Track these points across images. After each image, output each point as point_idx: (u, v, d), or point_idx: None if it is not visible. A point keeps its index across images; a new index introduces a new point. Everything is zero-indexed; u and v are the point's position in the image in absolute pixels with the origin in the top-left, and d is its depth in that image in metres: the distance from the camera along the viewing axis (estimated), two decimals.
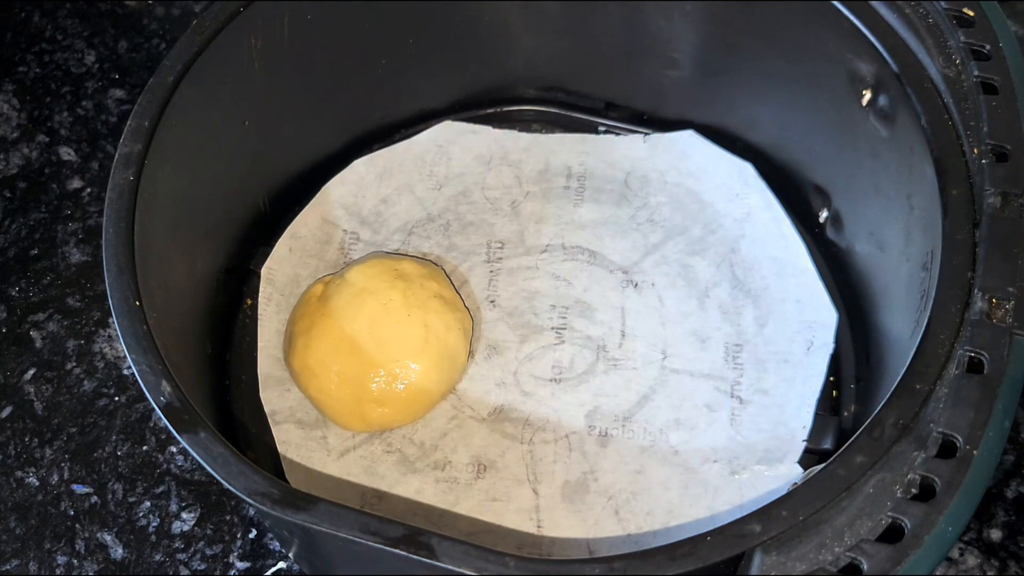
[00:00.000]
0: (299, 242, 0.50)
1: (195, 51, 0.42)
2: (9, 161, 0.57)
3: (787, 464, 0.43)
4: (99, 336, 0.51)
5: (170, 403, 0.35)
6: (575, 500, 0.44)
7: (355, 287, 0.46)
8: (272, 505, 0.33)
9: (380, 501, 0.44)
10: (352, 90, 0.52)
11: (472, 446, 0.45)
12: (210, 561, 0.45)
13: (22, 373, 0.50)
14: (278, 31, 0.46)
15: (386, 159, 0.53)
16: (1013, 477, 0.46)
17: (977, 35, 0.41)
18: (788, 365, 0.46)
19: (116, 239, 0.38)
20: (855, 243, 0.47)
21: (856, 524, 0.33)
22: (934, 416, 0.34)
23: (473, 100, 0.56)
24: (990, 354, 0.35)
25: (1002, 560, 0.44)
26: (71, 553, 0.45)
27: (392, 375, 0.44)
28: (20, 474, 0.47)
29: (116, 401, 0.49)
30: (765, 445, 0.44)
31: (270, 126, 0.49)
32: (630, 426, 0.45)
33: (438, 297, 0.47)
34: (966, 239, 0.37)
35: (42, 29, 0.62)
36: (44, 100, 0.59)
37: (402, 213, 0.52)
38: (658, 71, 0.52)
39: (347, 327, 0.45)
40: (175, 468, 0.47)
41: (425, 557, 0.31)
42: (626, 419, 0.45)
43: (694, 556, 0.31)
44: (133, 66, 0.60)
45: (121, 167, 0.40)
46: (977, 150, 0.39)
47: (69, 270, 0.53)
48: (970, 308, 0.36)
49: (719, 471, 0.44)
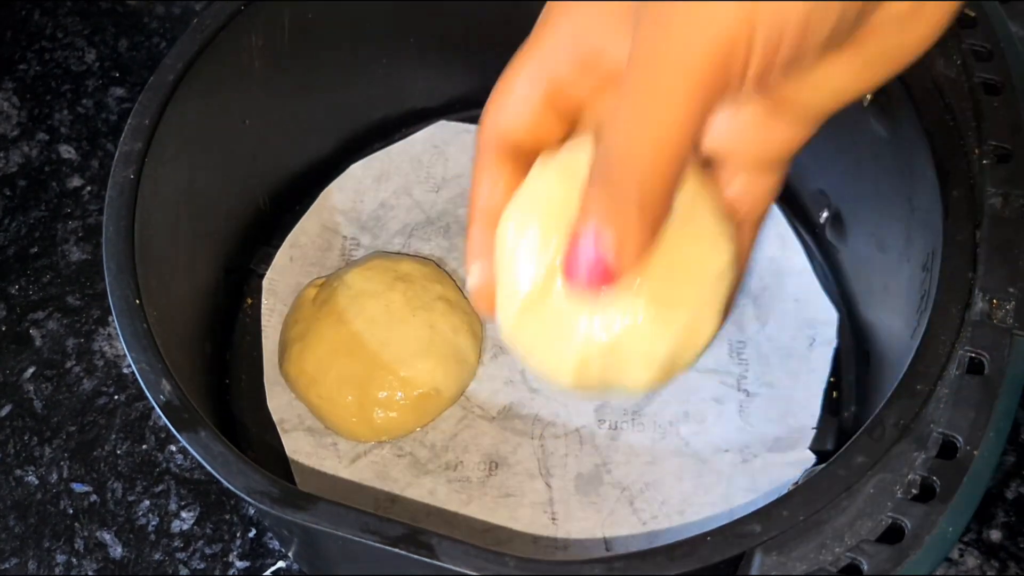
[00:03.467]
0: (300, 251, 0.50)
1: (196, 50, 0.42)
2: (9, 159, 0.57)
3: (799, 451, 0.44)
4: (99, 335, 0.51)
5: (170, 402, 0.35)
6: (589, 492, 0.44)
7: (353, 289, 0.46)
8: (272, 504, 0.33)
9: (393, 504, 0.44)
10: (352, 89, 0.52)
11: (483, 445, 0.45)
12: (209, 560, 0.45)
13: (21, 371, 0.50)
14: (279, 30, 0.46)
15: (382, 162, 0.53)
16: (1013, 478, 0.46)
17: (978, 35, 0.41)
18: (792, 359, 0.46)
19: (116, 237, 0.38)
20: (855, 244, 0.47)
21: (856, 524, 0.33)
22: (934, 417, 0.34)
23: (474, 100, 0.56)
24: (991, 355, 0.35)
25: (1002, 561, 0.44)
26: (70, 552, 0.45)
27: (399, 379, 0.44)
28: (19, 472, 0.47)
29: (116, 400, 0.49)
30: (775, 434, 0.44)
31: (270, 125, 0.49)
32: (639, 419, 0.45)
33: (442, 299, 0.46)
34: (967, 240, 0.37)
35: (42, 27, 0.62)
36: (44, 98, 0.59)
37: (402, 216, 0.52)
38: None
39: (345, 329, 0.45)
40: (175, 467, 0.47)
41: (425, 557, 0.31)
42: (635, 413, 0.46)
43: (694, 556, 0.31)
44: (133, 64, 0.60)
45: (121, 165, 0.40)
46: (978, 151, 0.39)
47: (69, 268, 0.53)
48: (971, 309, 0.36)
49: (731, 460, 0.44)
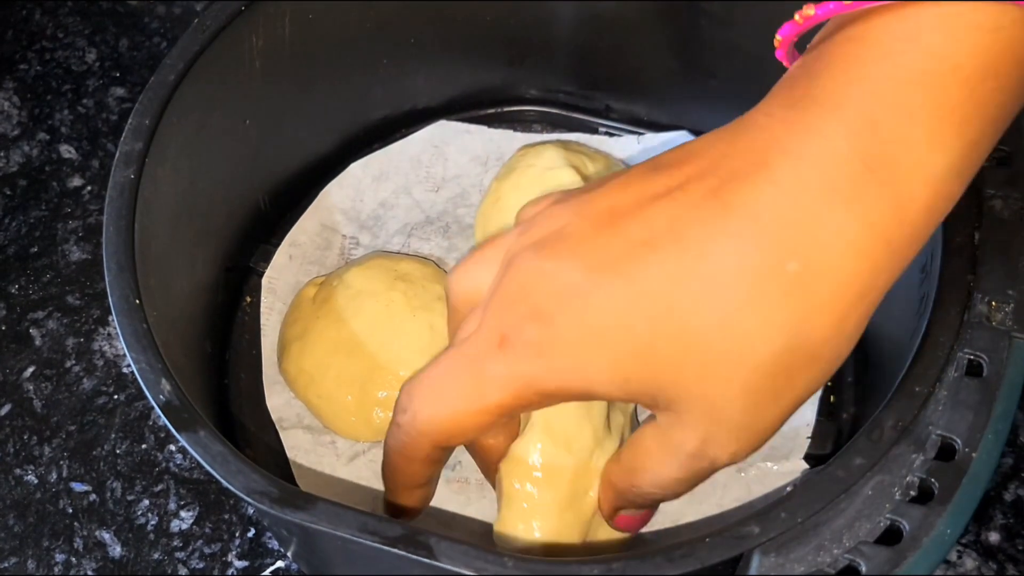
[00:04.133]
0: (299, 249, 0.50)
1: (196, 50, 0.42)
2: (9, 159, 0.57)
3: (793, 460, 0.44)
4: (99, 334, 0.51)
5: (169, 401, 0.35)
6: None
7: (352, 289, 0.46)
8: (271, 504, 0.33)
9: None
10: (353, 89, 0.52)
11: None
12: (208, 560, 0.45)
13: (21, 371, 0.50)
14: (279, 30, 0.46)
15: (382, 161, 0.53)
16: (1011, 480, 0.47)
17: None
18: None
19: (116, 237, 0.38)
20: None
21: (855, 526, 0.33)
22: (933, 419, 0.34)
23: (474, 100, 0.56)
24: (989, 357, 0.35)
25: (1000, 563, 0.45)
26: (69, 551, 0.45)
27: (398, 378, 0.44)
28: (19, 472, 0.47)
29: (115, 399, 0.49)
30: (770, 442, 0.44)
31: (271, 125, 0.49)
32: (636, 425, 0.45)
33: (442, 299, 0.46)
34: (966, 242, 0.37)
35: (43, 27, 0.62)
36: (45, 98, 0.59)
37: (401, 216, 0.52)
38: (661, 73, 0.53)
39: (345, 329, 0.45)
40: (174, 467, 0.47)
41: (424, 557, 0.31)
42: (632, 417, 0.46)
43: (693, 557, 0.31)
44: (134, 64, 0.60)
45: (121, 165, 0.40)
46: None
47: (69, 268, 0.53)
48: (969, 311, 0.36)
49: (726, 468, 0.44)
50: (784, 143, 0.28)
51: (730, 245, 0.28)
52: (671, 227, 0.29)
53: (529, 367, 0.31)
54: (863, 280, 0.28)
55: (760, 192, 0.28)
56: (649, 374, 0.30)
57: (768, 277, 0.28)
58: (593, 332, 0.30)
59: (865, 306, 0.29)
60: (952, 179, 0.28)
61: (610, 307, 0.29)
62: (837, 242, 0.28)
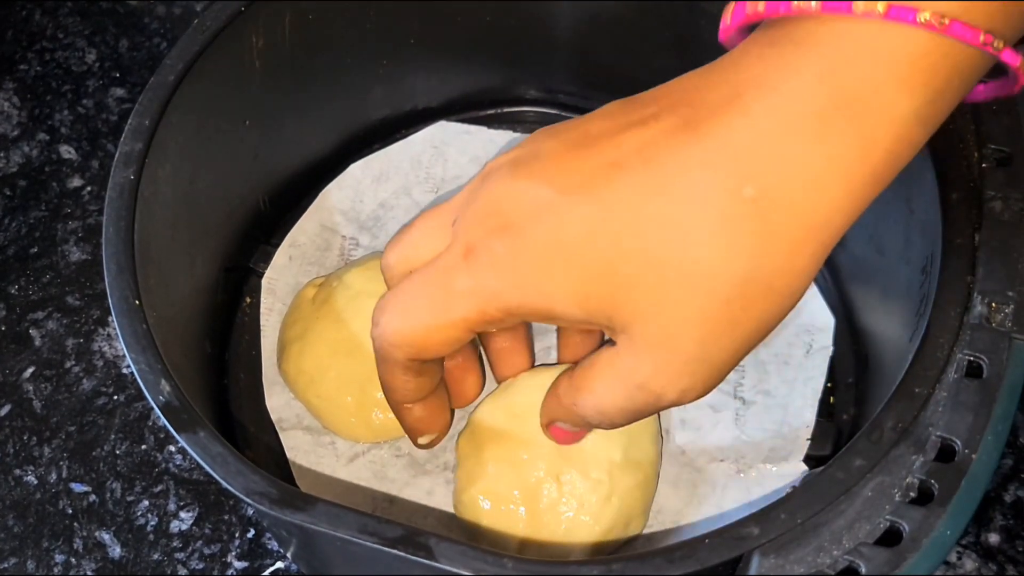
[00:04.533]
0: (299, 250, 0.50)
1: (196, 50, 0.42)
2: (9, 159, 0.57)
3: (792, 462, 0.44)
4: (98, 335, 0.51)
5: (169, 402, 0.35)
6: None
7: (352, 289, 0.46)
8: (270, 505, 0.33)
9: (391, 505, 0.44)
10: (353, 90, 0.52)
11: None
12: (208, 560, 0.45)
13: (21, 371, 0.50)
14: (279, 31, 0.46)
15: (382, 162, 0.53)
16: (1011, 481, 0.47)
17: None
18: (788, 367, 0.46)
19: (116, 238, 0.38)
20: (853, 247, 0.47)
21: (854, 527, 0.33)
22: (933, 420, 0.34)
23: (474, 100, 0.56)
24: (989, 358, 0.35)
25: (1000, 564, 0.45)
26: (69, 552, 0.45)
27: None
28: (18, 472, 0.47)
29: (115, 400, 0.49)
30: (770, 444, 0.44)
31: (271, 125, 0.49)
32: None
33: None
34: (966, 243, 0.37)
35: (43, 27, 0.62)
36: (45, 98, 0.59)
37: (401, 216, 0.52)
38: (661, 73, 0.52)
39: (344, 329, 0.45)
40: (174, 467, 0.47)
41: (423, 558, 0.31)
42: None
43: (692, 558, 0.31)
44: (134, 65, 0.60)
45: (121, 166, 0.40)
46: (978, 154, 0.39)
47: (69, 268, 0.53)
48: (969, 312, 0.36)
49: (726, 470, 0.44)
50: (760, 78, 0.29)
51: (696, 171, 0.29)
52: (640, 151, 0.30)
53: (494, 281, 0.32)
54: (820, 214, 0.29)
55: (731, 122, 0.29)
56: (608, 291, 0.30)
57: (729, 203, 0.29)
58: (558, 248, 0.30)
59: (819, 242, 0.29)
60: (916, 125, 0.29)
61: (576, 224, 0.30)
62: (799, 174, 0.28)
